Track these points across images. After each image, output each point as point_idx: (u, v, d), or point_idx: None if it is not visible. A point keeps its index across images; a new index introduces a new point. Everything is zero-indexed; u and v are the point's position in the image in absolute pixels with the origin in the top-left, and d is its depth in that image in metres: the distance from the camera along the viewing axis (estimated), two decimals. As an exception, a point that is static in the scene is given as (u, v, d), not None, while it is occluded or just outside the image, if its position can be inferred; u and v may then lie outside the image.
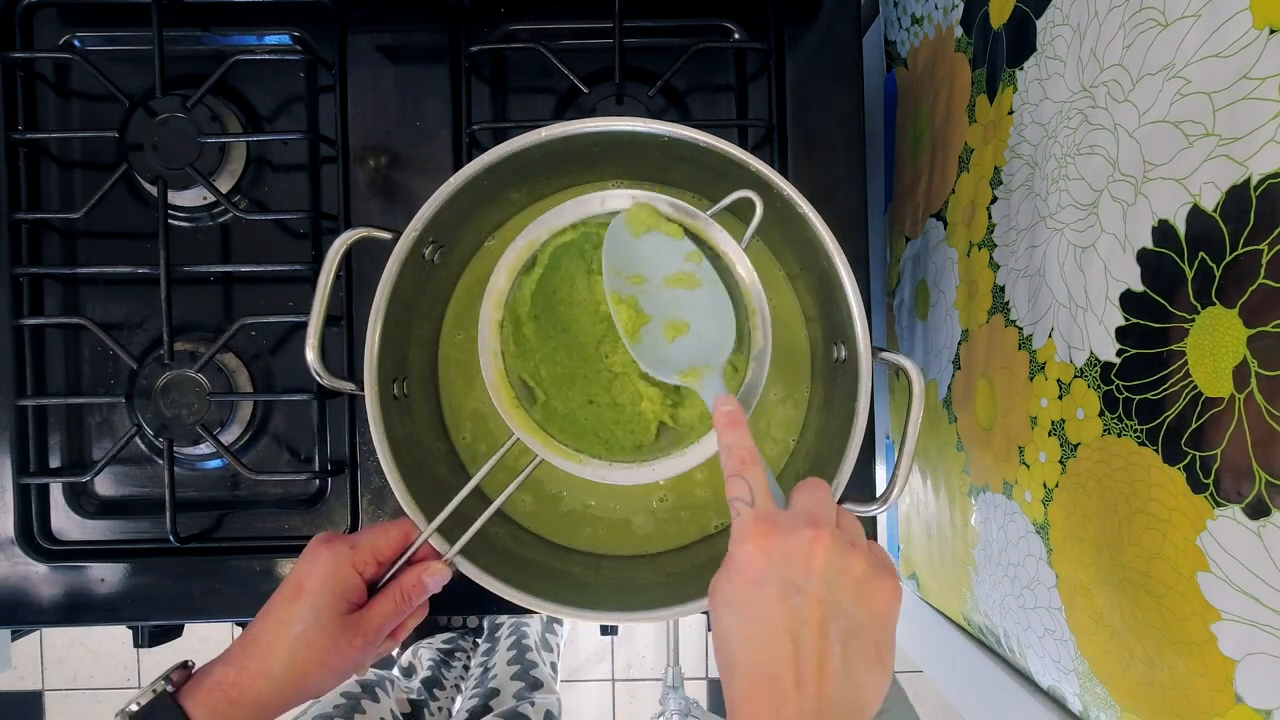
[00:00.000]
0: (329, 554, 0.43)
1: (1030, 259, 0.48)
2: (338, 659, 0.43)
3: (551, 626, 1.19)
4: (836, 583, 0.35)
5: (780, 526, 0.35)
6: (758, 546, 0.35)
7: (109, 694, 1.45)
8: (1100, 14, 0.41)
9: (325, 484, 0.59)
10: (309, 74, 0.60)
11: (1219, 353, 0.34)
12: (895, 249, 0.74)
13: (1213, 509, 0.34)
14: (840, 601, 0.34)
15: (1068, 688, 0.49)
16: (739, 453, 0.38)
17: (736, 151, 0.45)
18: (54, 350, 0.59)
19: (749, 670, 0.34)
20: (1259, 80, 0.31)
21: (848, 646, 0.34)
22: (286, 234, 0.60)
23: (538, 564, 0.53)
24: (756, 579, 0.35)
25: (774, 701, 0.33)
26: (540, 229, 0.47)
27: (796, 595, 0.34)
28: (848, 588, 0.35)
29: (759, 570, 0.35)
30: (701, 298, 0.47)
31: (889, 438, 0.79)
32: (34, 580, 0.58)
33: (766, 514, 0.36)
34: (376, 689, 0.83)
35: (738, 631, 0.35)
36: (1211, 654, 0.35)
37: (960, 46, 0.59)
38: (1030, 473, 0.49)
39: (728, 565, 0.36)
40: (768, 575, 0.34)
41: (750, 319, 0.46)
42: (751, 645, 0.34)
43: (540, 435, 0.47)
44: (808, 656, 0.33)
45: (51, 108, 0.59)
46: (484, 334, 0.47)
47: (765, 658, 0.34)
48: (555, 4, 0.59)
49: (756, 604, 0.34)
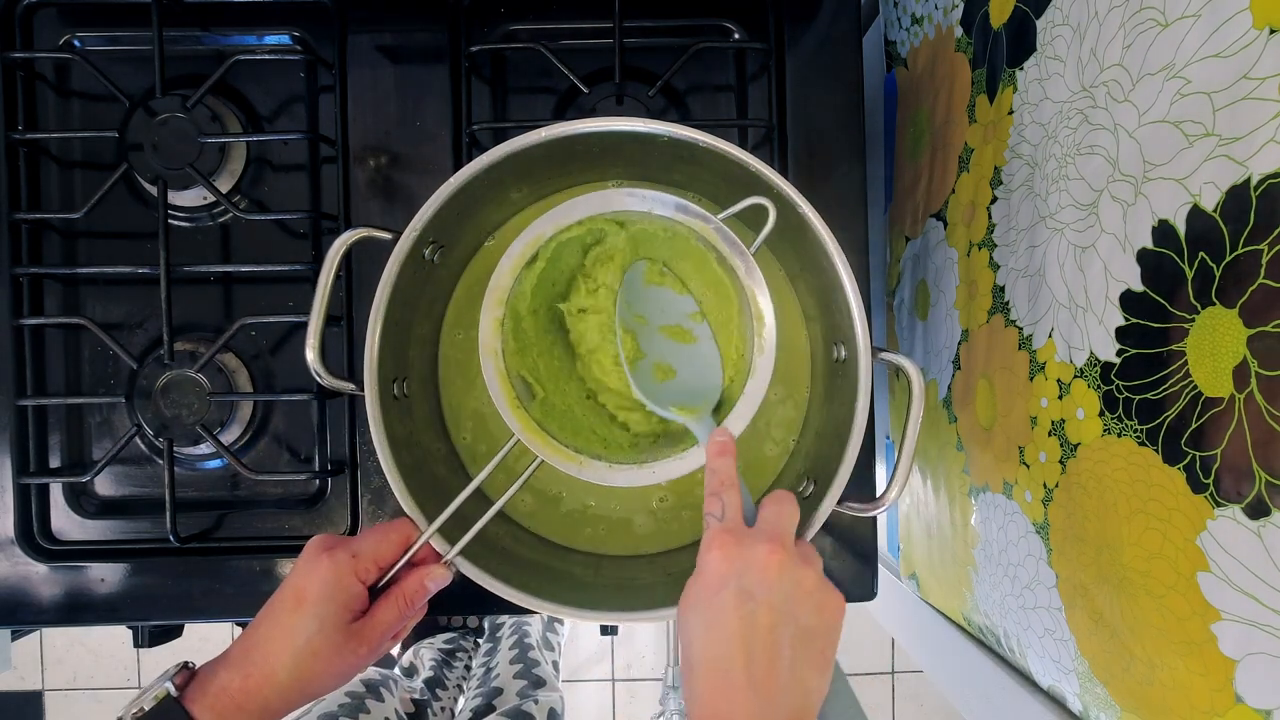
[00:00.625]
0: (330, 563, 0.43)
1: (1030, 259, 0.48)
2: (342, 665, 0.43)
3: (553, 626, 1.20)
4: (790, 593, 0.38)
5: (742, 539, 0.39)
6: (721, 555, 0.38)
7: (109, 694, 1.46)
8: (1100, 14, 0.41)
9: (325, 484, 0.59)
10: (309, 74, 0.60)
11: (1219, 353, 0.34)
12: (895, 249, 0.74)
13: (1213, 509, 0.34)
14: (793, 610, 0.38)
15: (1068, 688, 0.49)
16: (722, 477, 0.42)
17: (736, 152, 0.45)
18: (54, 350, 0.59)
19: (706, 669, 0.37)
20: (1259, 80, 0.31)
21: (797, 651, 0.37)
22: (286, 234, 0.60)
23: (538, 564, 0.53)
24: (717, 584, 0.38)
25: (728, 698, 0.36)
26: (546, 225, 0.47)
27: (751, 601, 0.37)
28: (801, 598, 0.38)
29: (720, 576, 0.38)
30: (692, 351, 0.51)
31: (889, 438, 0.79)
32: (34, 580, 0.58)
33: (732, 527, 0.40)
34: (380, 688, 0.83)
35: (698, 633, 0.38)
36: (1211, 654, 0.35)
37: (960, 46, 0.59)
38: (1030, 473, 0.49)
39: (695, 572, 0.40)
40: (727, 581, 0.38)
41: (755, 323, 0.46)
42: (709, 646, 0.37)
43: (541, 437, 0.47)
44: (759, 659, 0.36)
45: (51, 108, 0.59)
46: (484, 332, 0.47)
47: (721, 657, 0.37)
48: (555, 4, 0.59)
49: (716, 607, 0.37)
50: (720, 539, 0.39)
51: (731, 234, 0.46)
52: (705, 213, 0.46)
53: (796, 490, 0.51)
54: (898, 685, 1.48)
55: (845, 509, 0.46)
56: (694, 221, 0.46)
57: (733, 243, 0.46)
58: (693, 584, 0.39)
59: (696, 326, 0.51)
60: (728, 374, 0.50)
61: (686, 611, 0.39)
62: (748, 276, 0.46)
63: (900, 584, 0.79)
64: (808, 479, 0.50)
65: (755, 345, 0.46)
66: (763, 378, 0.46)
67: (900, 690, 1.48)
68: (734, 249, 0.46)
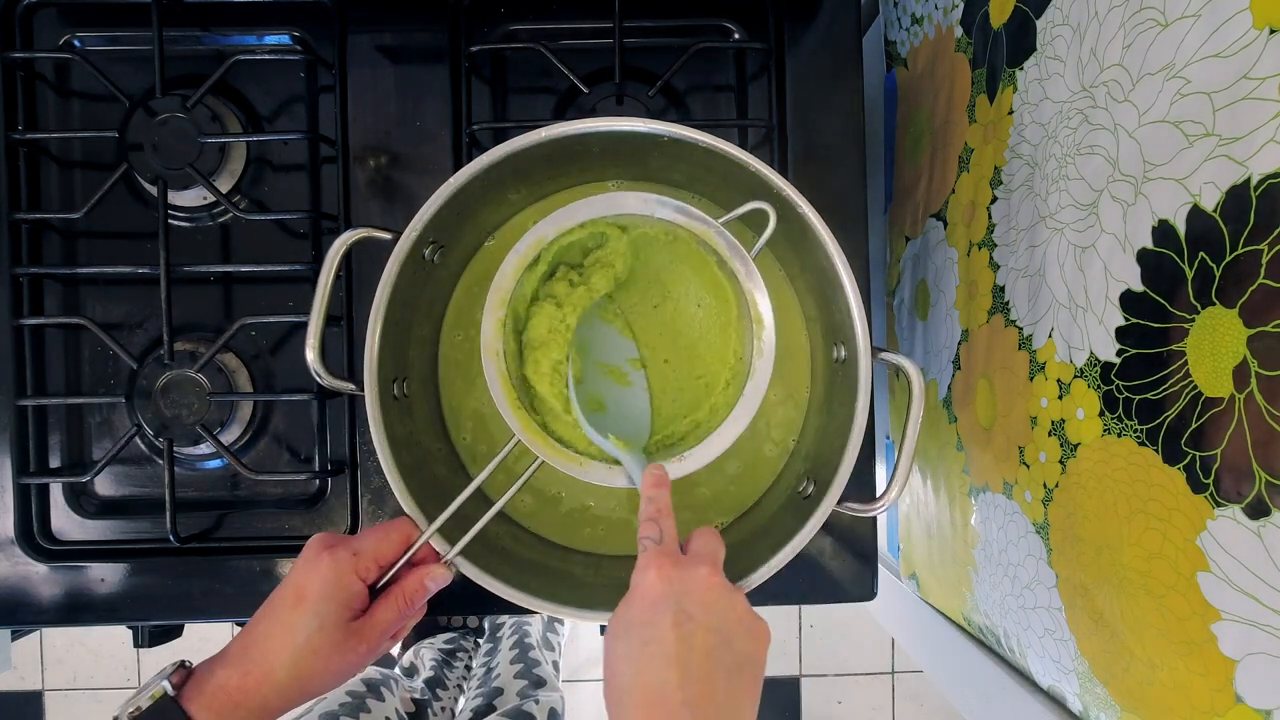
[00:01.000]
0: (331, 561, 0.43)
1: (1030, 259, 0.48)
2: (342, 664, 0.43)
3: (553, 626, 1.20)
4: (726, 617, 0.38)
5: (680, 561, 0.39)
6: (660, 575, 0.38)
7: (109, 694, 1.45)
8: (1100, 14, 0.41)
9: (325, 484, 0.59)
10: (309, 74, 0.60)
11: (1219, 353, 0.34)
12: (895, 249, 0.74)
13: (1213, 509, 0.34)
14: (729, 635, 0.38)
15: (1068, 688, 0.49)
16: (659, 505, 0.42)
17: (737, 152, 0.45)
18: (54, 350, 0.59)
19: (641, 694, 0.36)
20: (1259, 80, 0.31)
21: (731, 677, 0.37)
22: (286, 234, 0.60)
23: (538, 564, 0.53)
24: (654, 603, 0.38)
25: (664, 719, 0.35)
26: (549, 227, 0.47)
27: (690, 623, 0.37)
28: (735, 623, 0.38)
29: (657, 596, 0.38)
30: (624, 395, 0.52)
31: (889, 438, 0.79)
32: (34, 580, 0.58)
33: (670, 550, 0.40)
34: (381, 688, 0.83)
35: (631, 655, 0.37)
36: (1211, 654, 0.35)
37: (960, 46, 0.59)
38: (1030, 473, 0.49)
39: (628, 594, 0.40)
40: (665, 601, 0.38)
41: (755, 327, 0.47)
42: (645, 670, 0.37)
43: (542, 438, 0.47)
44: (695, 681, 0.36)
45: (51, 108, 0.59)
46: (486, 333, 0.47)
47: (658, 681, 0.36)
48: (555, 4, 0.59)
49: (652, 628, 0.37)
50: (659, 560, 0.39)
51: (732, 238, 0.46)
52: (706, 216, 0.46)
53: (796, 490, 0.51)
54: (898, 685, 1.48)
55: (845, 509, 0.46)
56: (695, 225, 0.46)
57: (734, 247, 0.46)
58: (626, 606, 0.39)
59: (633, 373, 0.52)
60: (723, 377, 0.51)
61: (616, 638, 0.38)
62: (748, 280, 0.46)
63: (900, 584, 0.79)
64: (808, 479, 0.50)
65: (754, 349, 0.46)
66: (762, 380, 0.46)
67: (900, 690, 1.48)
68: (735, 253, 0.46)
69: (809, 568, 0.57)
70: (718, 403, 0.51)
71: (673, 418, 0.52)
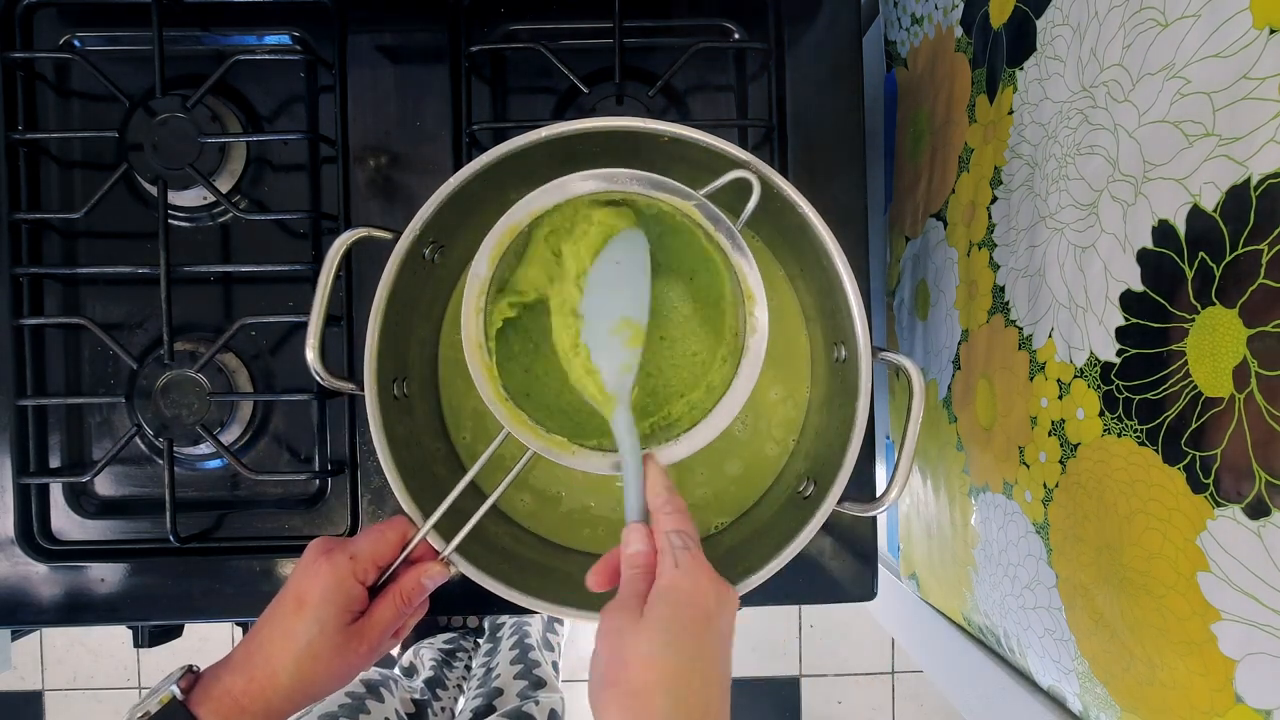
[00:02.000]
0: (330, 566, 0.44)
1: (1030, 259, 0.48)
2: (343, 666, 0.44)
3: (553, 626, 1.20)
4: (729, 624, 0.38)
5: (718, 576, 0.39)
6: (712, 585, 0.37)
7: (109, 694, 1.46)
8: (1100, 14, 0.41)
9: (325, 484, 0.59)
10: (309, 74, 0.60)
11: (1219, 353, 0.34)
12: (895, 249, 0.74)
13: (1213, 509, 0.34)
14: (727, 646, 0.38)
15: (1068, 688, 0.49)
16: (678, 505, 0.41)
17: (737, 151, 0.45)
18: (54, 350, 0.59)
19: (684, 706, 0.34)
20: (1259, 80, 0.31)
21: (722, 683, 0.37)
22: (286, 234, 0.60)
23: (538, 564, 0.53)
24: (708, 614, 0.37)
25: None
26: (520, 213, 0.46)
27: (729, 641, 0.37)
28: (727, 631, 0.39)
29: (710, 607, 0.37)
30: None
31: (889, 438, 0.79)
32: (34, 580, 0.58)
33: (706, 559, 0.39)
34: (381, 688, 0.83)
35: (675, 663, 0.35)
36: (1211, 654, 0.35)
37: (960, 46, 0.59)
38: (1030, 473, 0.49)
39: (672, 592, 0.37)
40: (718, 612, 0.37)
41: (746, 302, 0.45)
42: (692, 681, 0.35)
43: (532, 429, 0.47)
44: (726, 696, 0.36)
45: (51, 108, 0.59)
46: (466, 324, 0.46)
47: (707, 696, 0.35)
48: (555, 4, 0.59)
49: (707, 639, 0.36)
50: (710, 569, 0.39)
51: (714, 208, 0.45)
52: (686, 188, 0.45)
53: (797, 490, 0.51)
54: (898, 685, 1.48)
55: (845, 509, 0.46)
56: (675, 199, 0.45)
57: (716, 218, 0.45)
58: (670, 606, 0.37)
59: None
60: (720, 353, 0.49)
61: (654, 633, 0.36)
62: (735, 252, 0.45)
63: (900, 584, 0.79)
64: (808, 479, 0.50)
65: (747, 325, 0.45)
66: (756, 357, 0.45)
67: (900, 690, 1.48)
68: (719, 226, 0.45)
69: (809, 568, 0.57)
70: (714, 381, 0.50)
71: (669, 398, 0.51)
